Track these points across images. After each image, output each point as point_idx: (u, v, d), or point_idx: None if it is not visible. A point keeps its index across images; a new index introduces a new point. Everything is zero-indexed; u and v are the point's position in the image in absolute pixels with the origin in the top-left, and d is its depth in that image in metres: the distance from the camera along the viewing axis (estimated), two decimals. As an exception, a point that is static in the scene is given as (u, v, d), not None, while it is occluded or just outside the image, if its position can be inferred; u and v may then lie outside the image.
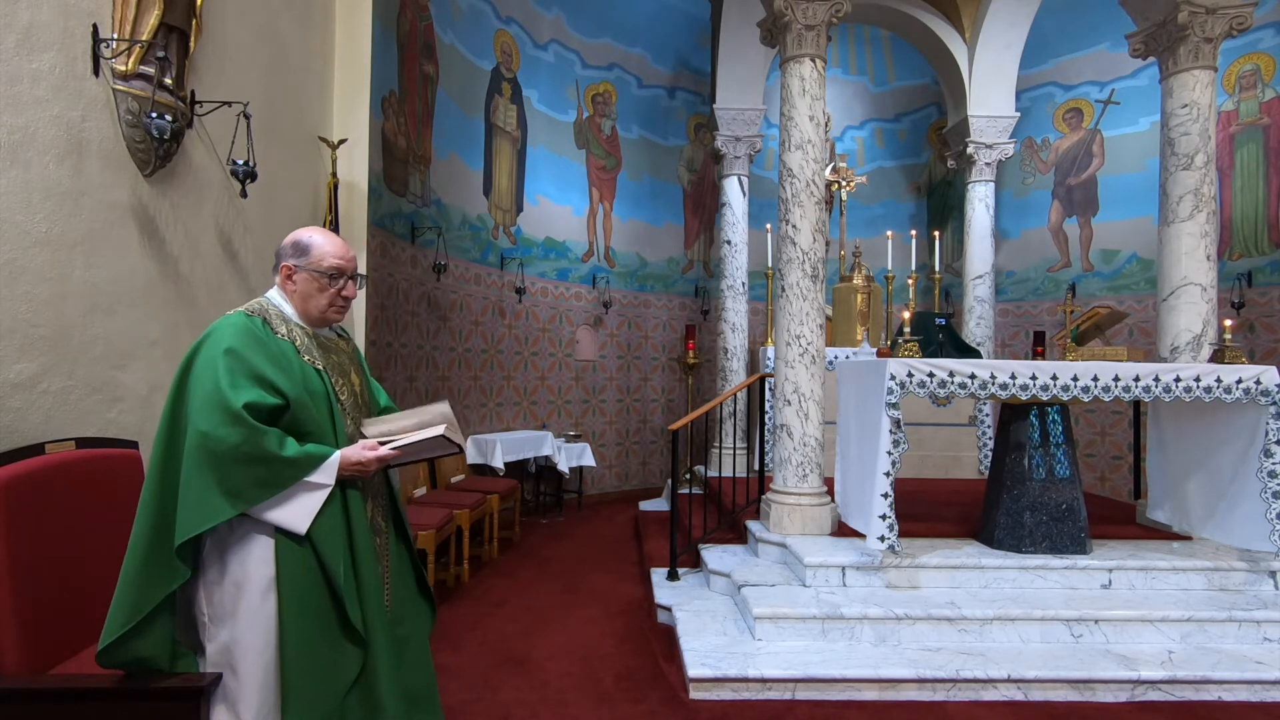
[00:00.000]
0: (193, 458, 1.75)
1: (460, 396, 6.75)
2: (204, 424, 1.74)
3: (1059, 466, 4.16)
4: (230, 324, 1.87)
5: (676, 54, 9.00)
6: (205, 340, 1.85)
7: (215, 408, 1.74)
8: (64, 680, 2.00)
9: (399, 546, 2.14)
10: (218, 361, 1.79)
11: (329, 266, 1.98)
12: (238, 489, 1.75)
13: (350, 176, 4.87)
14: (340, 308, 2.04)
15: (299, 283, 1.99)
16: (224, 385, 1.76)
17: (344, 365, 2.06)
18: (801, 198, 4.65)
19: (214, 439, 1.73)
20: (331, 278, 1.99)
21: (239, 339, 1.83)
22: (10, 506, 2.07)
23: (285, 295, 2.02)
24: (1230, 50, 6.83)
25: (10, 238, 2.40)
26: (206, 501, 1.73)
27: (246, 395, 1.77)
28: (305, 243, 2.00)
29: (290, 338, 1.94)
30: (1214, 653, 3.48)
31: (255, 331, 1.88)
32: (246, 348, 1.82)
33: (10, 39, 2.41)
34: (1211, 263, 4.72)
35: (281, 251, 2.02)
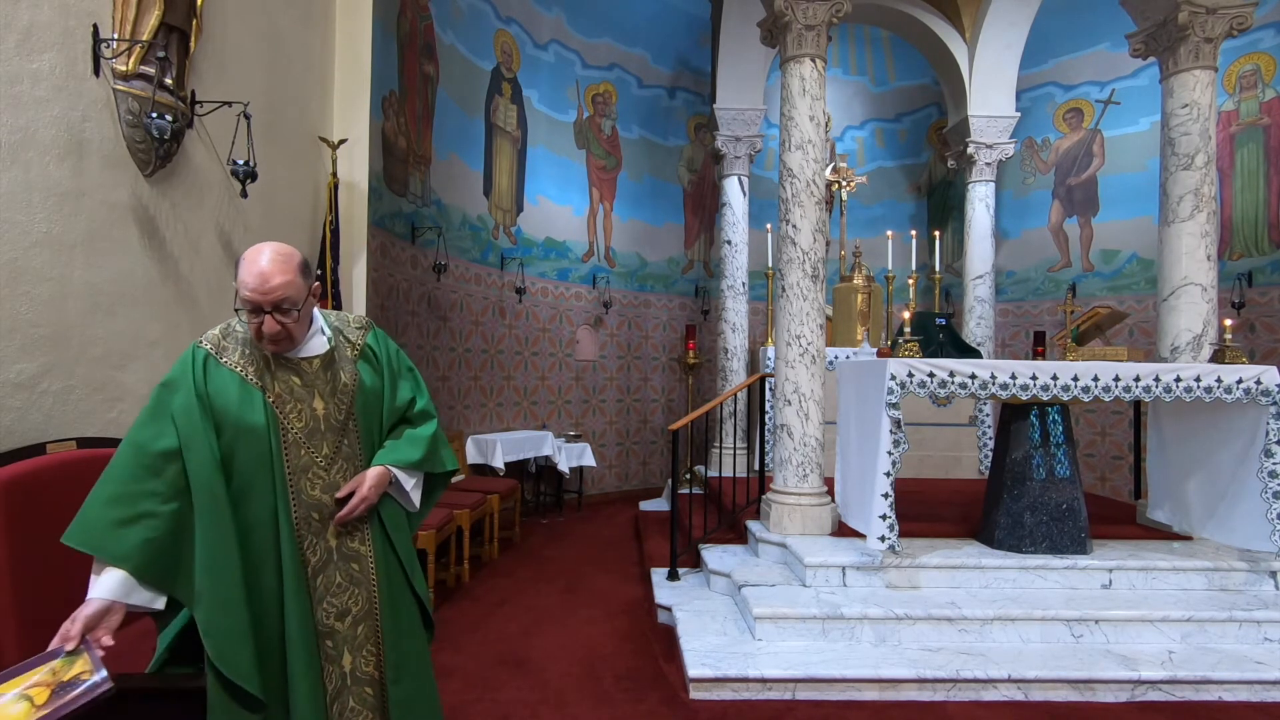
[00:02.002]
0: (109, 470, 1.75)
1: (460, 396, 6.75)
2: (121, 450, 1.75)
3: (1059, 466, 4.16)
4: (184, 355, 1.87)
5: (676, 54, 9.00)
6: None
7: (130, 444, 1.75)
8: (64, 680, 2.00)
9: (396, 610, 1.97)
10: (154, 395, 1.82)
11: (244, 298, 1.74)
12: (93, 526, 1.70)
13: (350, 176, 4.87)
14: (272, 340, 1.79)
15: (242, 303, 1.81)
16: (147, 426, 1.77)
17: (312, 388, 1.88)
18: (802, 198, 4.65)
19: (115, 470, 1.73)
20: (251, 311, 1.75)
21: (177, 371, 1.83)
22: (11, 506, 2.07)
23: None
24: (1230, 50, 6.83)
25: (10, 238, 2.40)
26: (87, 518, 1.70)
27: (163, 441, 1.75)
28: (239, 261, 1.78)
29: (238, 367, 1.84)
30: (1214, 653, 3.48)
31: (197, 367, 1.83)
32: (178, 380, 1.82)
33: (11, 39, 2.41)
34: (1212, 263, 4.72)
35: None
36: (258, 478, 1.80)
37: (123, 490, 1.70)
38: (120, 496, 1.69)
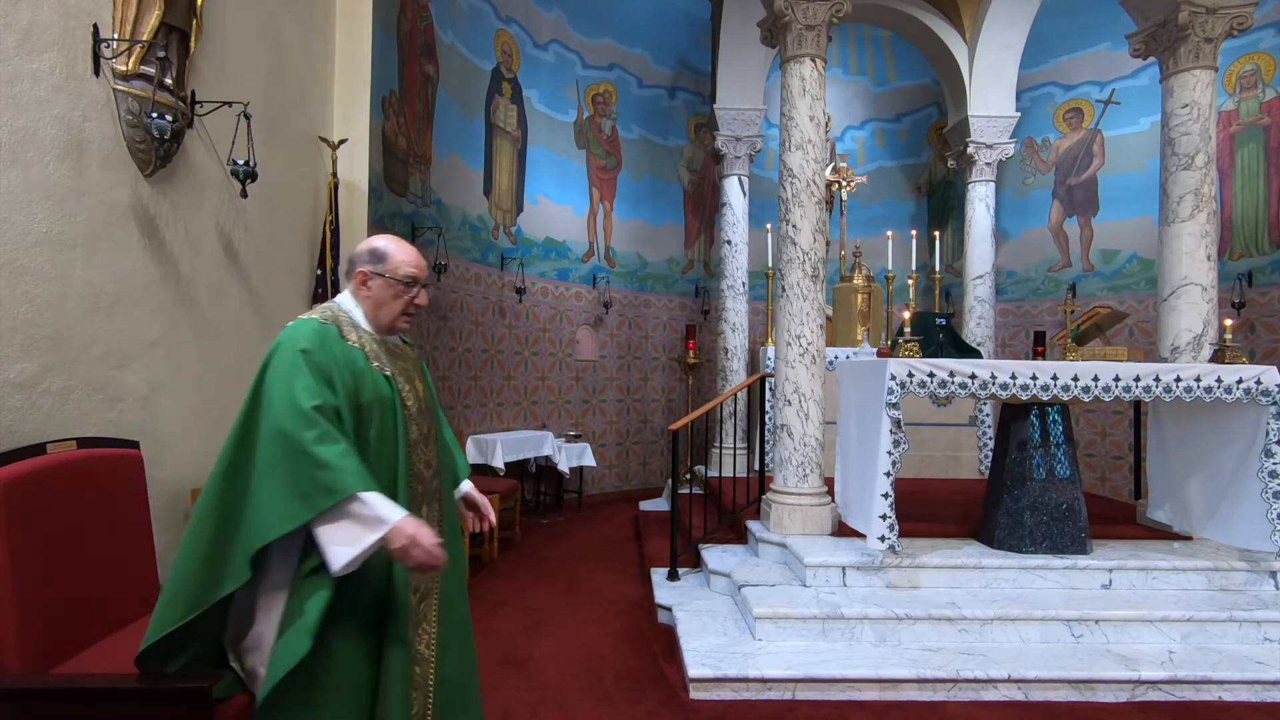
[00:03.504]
0: (268, 460, 1.73)
1: (460, 396, 6.75)
2: (281, 424, 1.73)
3: (1059, 466, 4.16)
4: (306, 328, 1.89)
5: (677, 54, 9.00)
6: (280, 343, 1.87)
7: (290, 409, 1.73)
8: (65, 680, 2.00)
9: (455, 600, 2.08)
10: (293, 362, 1.80)
11: (405, 275, 2.00)
12: (308, 493, 1.70)
13: (350, 176, 4.87)
14: (409, 316, 2.06)
15: (374, 289, 2.00)
16: (298, 387, 1.76)
17: (410, 372, 2.07)
18: (802, 198, 4.65)
19: (289, 439, 1.71)
20: (406, 285, 2.00)
21: (313, 342, 1.85)
22: (11, 506, 2.07)
23: (357, 301, 2.03)
24: (1230, 50, 6.83)
25: (10, 238, 2.40)
26: (282, 506, 1.70)
27: (317, 397, 1.76)
28: (382, 250, 2.00)
29: (360, 344, 1.95)
30: (1214, 653, 3.48)
31: (328, 338, 1.89)
32: (319, 350, 1.84)
33: (11, 39, 2.41)
34: (1212, 263, 4.72)
35: (356, 258, 2.03)
36: (385, 447, 1.90)
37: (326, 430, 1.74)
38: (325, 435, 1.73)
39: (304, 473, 1.70)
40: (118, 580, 2.43)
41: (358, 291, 2.02)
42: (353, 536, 1.70)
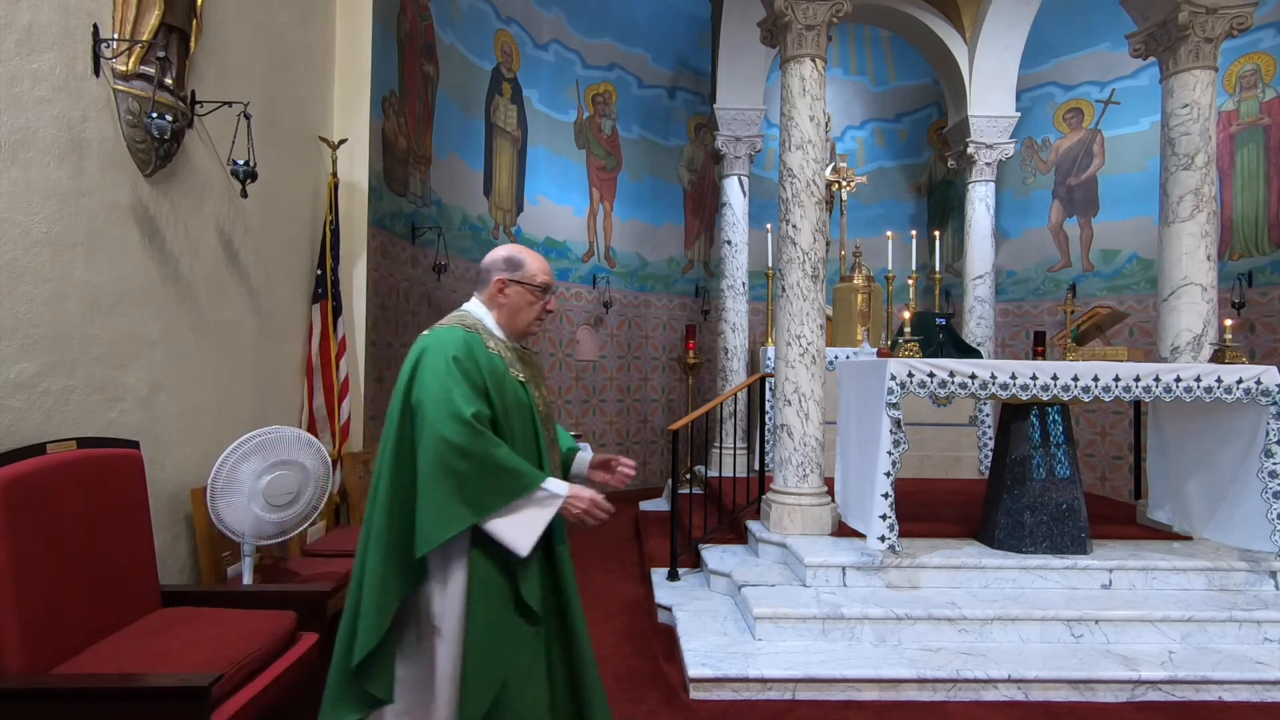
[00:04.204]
0: (433, 466, 1.80)
1: (460, 396, 6.73)
2: (444, 430, 1.79)
3: (1059, 466, 4.16)
4: (452, 336, 1.94)
5: (676, 54, 9.00)
6: (426, 350, 1.91)
7: (450, 416, 1.80)
8: (65, 680, 2.00)
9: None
10: (446, 370, 1.85)
11: (541, 282, 2.07)
12: (475, 497, 1.80)
13: (350, 176, 4.87)
14: (540, 322, 2.14)
15: (510, 296, 2.06)
16: (456, 395, 1.82)
17: (537, 378, 2.14)
18: (802, 198, 4.65)
19: (455, 446, 1.78)
20: (541, 292, 2.08)
21: (462, 350, 1.90)
22: (11, 506, 2.07)
23: (493, 308, 2.08)
24: (1230, 50, 6.83)
25: (10, 238, 2.40)
26: (448, 510, 1.79)
27: (474, 406, 1.83)
28: (518, 258, 2.07)
29: (498, 351, 2.00)
30: (1214, 653, 3.48)
31: (474, 346, 1.94)
32: (468, 358, 1.89)
33: (10, 39, 2.41)
34: (1212, 263, 4.72)
35: (492, 266, 2.08)
36: (527, 450, 1.99)
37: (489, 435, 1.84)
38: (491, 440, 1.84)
39: (473, 477, 1.79)
40: (118, 580, 2.44)
41: (494, 299, 2.07)
42: (530, 519, 1.86)
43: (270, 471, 2.99)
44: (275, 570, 3.30)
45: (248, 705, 2.17)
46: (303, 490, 3.10)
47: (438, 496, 1.79)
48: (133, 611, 2.45)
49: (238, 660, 2.21)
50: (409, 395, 1.87)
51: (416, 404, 1.85)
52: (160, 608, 2.58)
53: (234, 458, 2.95)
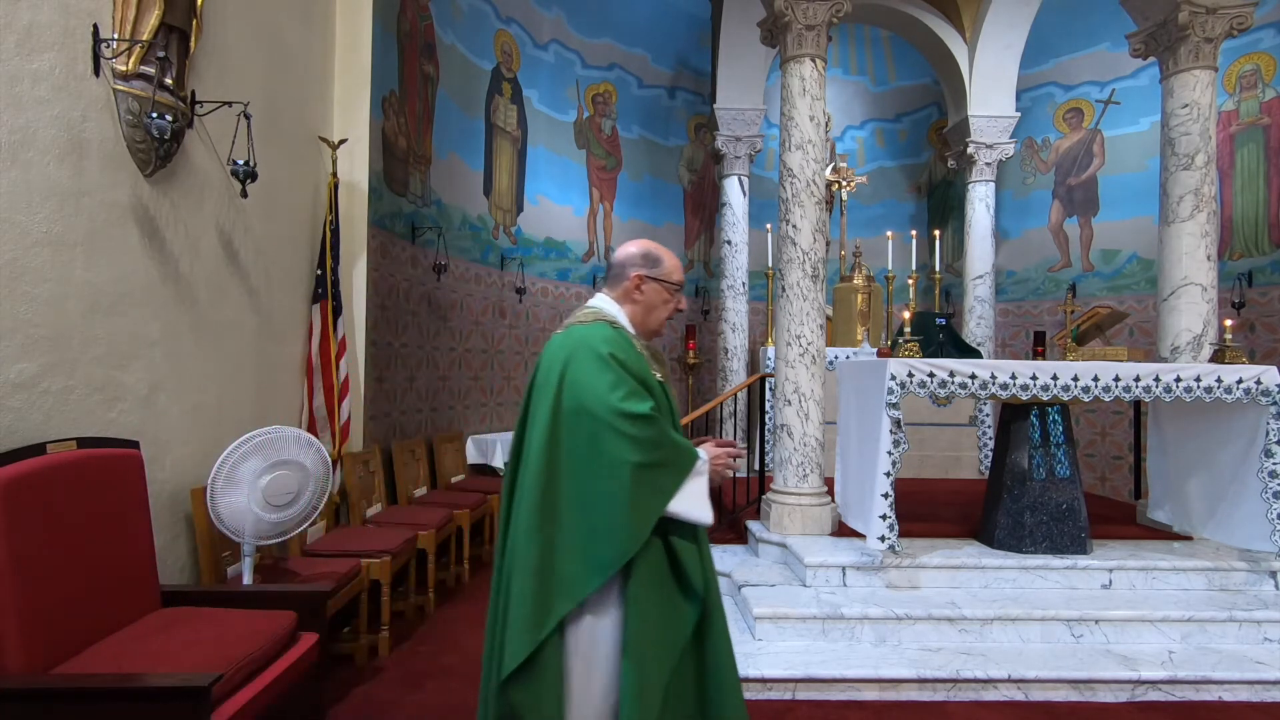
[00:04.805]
0: (617, 465, 1.73)
1: (460, 396, 6.74)
2: (621, 426, 1.74)
3: (1059, 466, 4.16)
4: (601, 332, 1.89)
5: (676, 54, 9.00)
6: (577, 348, 1.86)
7: (623, 413, 1.75)
8: (65, 680, 2.00)
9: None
10: (604, 367, 1.80)
11: (677, 279, 2.04)
12: (661, 483, 1.77)
13: (350, 176, 4.87)
14: (669, 320, 2.11)
15: (646, 293, 2.01)
16: (622, 389, 1.78)
17: (666, 377, 2.08)
18: (802, 198, 4.65)
19: (637, 439, 1.74)
20: (676, 289, 2.04)
21: (616, 346, 1.85)
22: (11, 506, 2.07)
23: (626, 304, 2.02)
24: (1230, 50, 6.82)
25: (10, 238, 2.40)
26: (644, 504, 1.74)
27: (641, 397, 1.79)
28: (655, 254, 2.02)
29: (639, 349, 1.96)
30: (1214, 653, 3.48)
31: (624, 342, 1.91)
32: (623, 353, 1.86)
33: (10, 39, 2.41)
34: (1212, 263, 4.72)
35: (628, 262, 2.02)
36: None
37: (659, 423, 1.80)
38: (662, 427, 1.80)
39: (656, 465, 1.75)
40: (118, 580, 2.44)
41: (629, 295, 2.01)
42: (698, 489, 1.83)
43: (270, 471, 2.99)
44: (275, 570, 3.30)
45: (248, 705, 2.17)
46: (303, 490, 3.10)
47: (630, 493, 1.72)
48: (133, 611, 2.45)
49: (238, 660, 2.21)
50: (560, 399, 1.80)
51: (578, 407, 1.78)
52: (160, 608, 2.58)
53: (234, 458, 2.94)
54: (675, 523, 1.82)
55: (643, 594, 1.77)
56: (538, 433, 1.82)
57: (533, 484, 1.80)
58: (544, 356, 1.94)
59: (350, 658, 3.60)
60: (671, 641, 1.80)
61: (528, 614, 1.74)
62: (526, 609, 1.74)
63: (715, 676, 1.85)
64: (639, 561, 1.77)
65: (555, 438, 1.80)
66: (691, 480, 1.81)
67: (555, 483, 1.79)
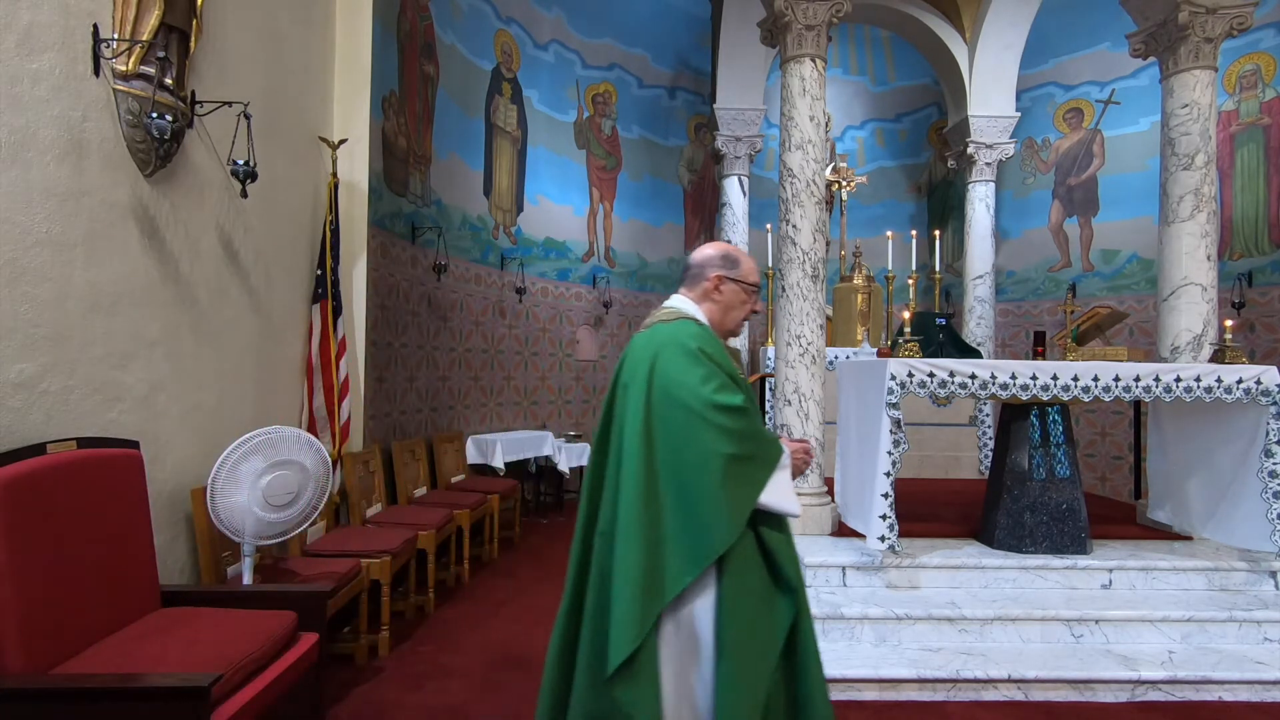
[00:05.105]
0: (710, 458, 1.75)
1: (460, 396, 6.74)
2: (716, 419, 1.76)
3: (1059, 466, 4.16)
4: (688, 329, 1.91)
5: (677, 54, 9.00)
6: (663, 347, 1.87)
7: (717, 406, 1.77)
8: (65, 680, 2.00)
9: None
10: (695, 362, 1.82)
11: (755, 281, 2.06)
12: (754, 475, 1.80)
13: (350, 176, 4.87)
14: (745, 322, 2.13)
15: (725, 294, 2.03)
16: (714, 383, 1.80)
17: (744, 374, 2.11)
18: (802, 198, 4.65)
19: (732, 432, 1.76)
20: (753, 291, 2.07)
21: (705, 343, 1.88)
22: (11, 506, 2.07)
23: (703, 304, 2.04)
24: (1230, 50, 6.82)
25: (10, 238, 2.40)
26: (740, 495, 1.77)
27: (732, 390, 1.82)
28: (735, 256, 2.05)
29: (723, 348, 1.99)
30: (1214, 653, 3.48)
31: (711, 339, 1.93)
32: (711, 349, 1.88)
33: (11, 39, 2.41)
34: (1212, 263, 4.72)
35: (708, 262, 2.04)
36: None
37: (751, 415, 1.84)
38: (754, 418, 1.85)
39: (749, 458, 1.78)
40: (118, 580, 2.44)
41: (708, 295, 2.03)
42: (784, 481, 1.86)
43: (270, 471, 2.99)
44: (275, 570, 3.30)
45: (248, 705, 2.17)
46: (303, 490, 3.10)
47: (724, 485, 1.74)
48: (133, 611, 2.45)
49: (238, 660, 2.21)
50: (650, 394, 1.82)
51: (670, 400, 1.80)
52: (160, 608, 2.58)
53: (234, 458, 2.94)
54: (764, 515, 1.84)
55: (737, 588, 1.79)
56: (631, 430, 1.84)
57: (631, 480, 1.81)
58: (628, 354, 1.95)
59: (350, 658, 3.60)
60: (769, 639, 1.80)
61: (633, 609, 1.73)
62: (632, 604, 1.74)
63: (805, 678, 1.85)
64: (732, 555, 1.78)
65: (649, 433, 1.81)
66: (779, 472, 1.85)
67: (653, 478, 1.80)
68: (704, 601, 1.80)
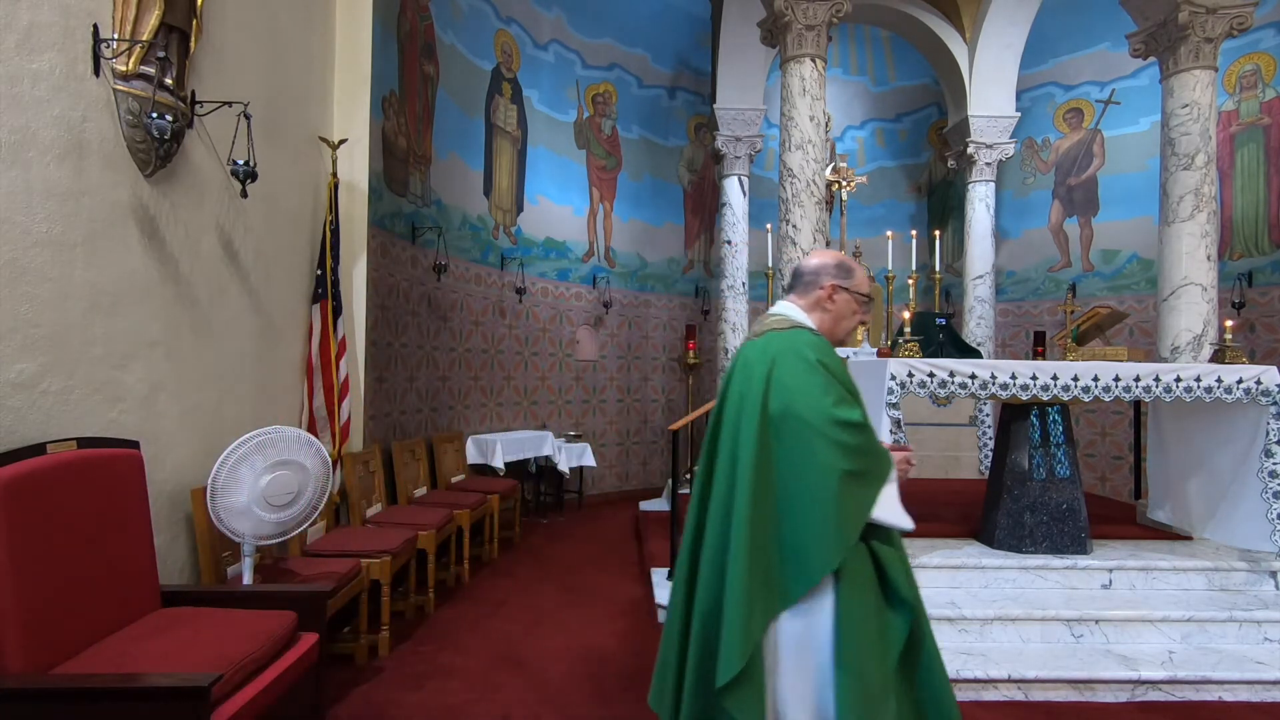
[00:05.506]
0: (829, 472, 1.74)
1: (460, 396, 6.75)
2: (836, 435, 1.75)
3: (1059, 466, 4.15)
4: (805, 339, 1.90)
5: (677, 54, 9.00)
6: (781, 356, 1.86)
7: (837, 421, 1.76)
8: (65, 680, 2.00)
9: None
10: (813, 373, 1.81)
11: (867, 292, 2.05)
12: (870, 489, 1.79)
13: (350, 176, 4.87)
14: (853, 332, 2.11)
15: (838, 303, 2.01)
16: (834, 396, 1.79)
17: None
18: (802, 198, 4.65)
19: (851, 447, 1.76)
20: (866, 301, 2.05)
21: (823, 354, 1.86)
22: (11, 506, 2.07)
23: (815, 312, 2.01)
24: (1230, 50, 6.82)
25: (11, 238, 2.40)
26: (856, 508, 1.76)
27: (852, 405, 1.81)
28: (850, 265, 2.03)
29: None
30: (1214, 653, 3.48)
31: (828, 350, 1.91)
32: (830, 360, 1.86)
33: (11, 39, 2.41)
34: (1212, 263, 4.72)
35: (823, 270, 2.02)
36: None
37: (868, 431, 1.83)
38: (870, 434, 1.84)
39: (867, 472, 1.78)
40: (118, 580, 2.44)
41: (820, 303, 2.01)
42: (893, 494, 1.84)
43: (270, 472, 2.99)
44: (275, 570, 3.30)
45: (248, 705, 2.17)
46: (303, 490, 3.10)
47: (838, 500, 1.73)
48: (133, 611, 2.45)
49: (238, 660, 2.21)
50: (767, 405, 1.81)
51: (787, 412, 1.79)
52: (160, 608, 2.58)
53: (234, 458, 2.94)
54: (874, 529, 1.83)
55: (852, 601, 1.78)
56: (746, 439, 1.82)
57: (744, 494, 1.79)
58: (740, 362, 1.93)
59: (350, 658, 3.60)
60: (885, 651, 1.79)
61: (742, 626, 1.73)
62: (742, 621, 1.73)
63: (927, 684, 1.85)
64: (847, 569, 1.78)
65: (765, 444, 1.80)
66: (888, 486, 1.84)
67: (767, 491, 1.80)
68: (821, 614, 1.79)
